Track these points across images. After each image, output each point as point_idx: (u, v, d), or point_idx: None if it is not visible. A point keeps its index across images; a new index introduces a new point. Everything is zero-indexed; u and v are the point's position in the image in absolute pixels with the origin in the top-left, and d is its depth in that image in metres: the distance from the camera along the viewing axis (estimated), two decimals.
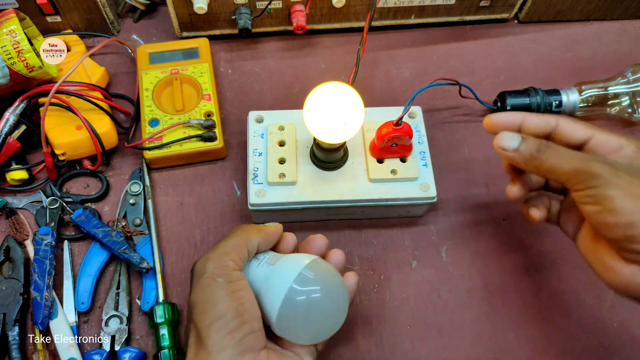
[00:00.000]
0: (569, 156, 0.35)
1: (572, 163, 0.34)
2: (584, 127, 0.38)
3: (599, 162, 0.34)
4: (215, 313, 0.33)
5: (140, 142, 0.51)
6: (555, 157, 0.35)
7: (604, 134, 0.37)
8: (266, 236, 0.39)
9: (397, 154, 0.47)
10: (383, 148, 0.46)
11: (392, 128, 0.44)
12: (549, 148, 0.36)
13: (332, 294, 0.36)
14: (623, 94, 0.54)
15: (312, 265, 0.36)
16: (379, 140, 0.45)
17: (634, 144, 0.36)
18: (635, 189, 0.33)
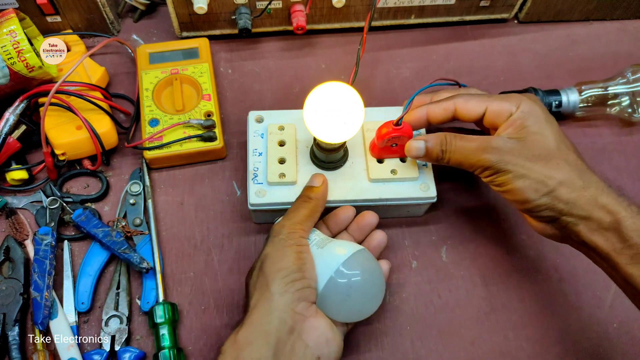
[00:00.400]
0: (465, 151, 0.41)
1: (468, 159, 0.41)
2: (477, 102, 0.42)
3: (488, 153, 0.39)
4: (282, 264, 0.38)
5: (140, 142, 0.51)
6: (456, 153, 0.41)
7: (496, 103, 0.41)
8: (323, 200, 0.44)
9: (396, 154, 0.47)
10: (383, 148, 0.46)
11: (392, 128, 0.44)
12: (450, 145, 0.41)
13: (372, 281, 0.41)
14: (623, 94, 0.54)
15: (357, 255, 0.40)
16: (379, 140, 0.45)
17: (523, 106, 0.40)
18: (519, 169, 0.39)
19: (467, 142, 0.41)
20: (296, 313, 0.36)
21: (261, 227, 0.51)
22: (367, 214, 0.46)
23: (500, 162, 0.39)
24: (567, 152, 0.40)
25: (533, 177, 0.39)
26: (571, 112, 0.56)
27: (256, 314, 0.36)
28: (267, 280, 0.37)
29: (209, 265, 0.49)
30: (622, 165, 0.56)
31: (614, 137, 0.58)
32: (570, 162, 0.39)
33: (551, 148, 0.39)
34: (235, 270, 0.48)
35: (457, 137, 0.41)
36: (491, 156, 0.39)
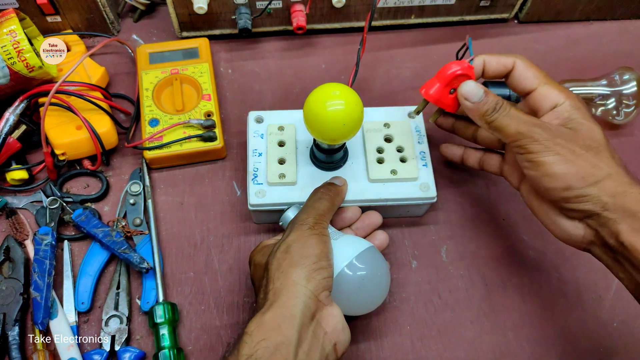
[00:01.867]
0: (517, 119, 0.38)
1: (518, 126, 0.38)
2: (533, 76, 0.40)
3: (540, 128, 0.37)
4: (310, 251, 0.38)
5: (140, 142, 0.51)
6: (506, 117, 0.38)
7: (547, 88, 0.40)
8: (343, 196, 0.45)
9: (448, 104, 0.42)
10: (439, 91, 0.41)
11: (467, 64, 0.41)
12: (503, 108, 0.39)
13: (379, 277, 0.42)
14: (609, 96, 0.54)
15: (370, 250, 0.42)
16: (442, 80, 0.41)
17: (569, 102, 0.39)
18: (569, 154, 0.37)
19: (521, 113, 0.39)
20: (319, 300, 0.37)
21: (261, 227, 0.51)
22: (373, 214, 0.47)
23: (550, 140, 0.37)
24: (613, 150, 0.38)
25: (581, 164, 0.36)
26: None
27: (283, 297, 0.36)
28: (294, 265, 0.37)
29: (209, 265, 0.49)
30: None
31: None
32: (616, 158, 0.38)
33: (600, 141, 0.38)
34: (235, 270, 0.48)
35: (513, 106, 0.39)
36: (543, 132, 0.37)
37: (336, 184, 0.45)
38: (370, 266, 0.41)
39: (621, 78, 0.54)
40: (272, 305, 0.36)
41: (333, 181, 0.45)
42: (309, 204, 0.43)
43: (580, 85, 0.55)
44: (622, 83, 0.54)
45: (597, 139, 0.38)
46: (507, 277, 0.49)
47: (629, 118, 0.54)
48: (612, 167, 0.37)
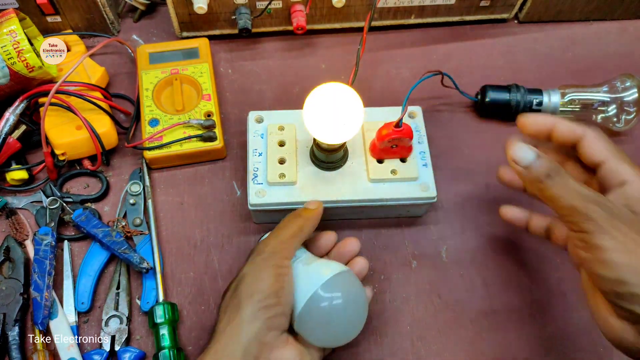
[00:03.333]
0: (572, 190, 0.33)
1: (572, 199, 0.33)
2: (604, 148, 0.36)
3: (597, 206, 0.32)
4: (259, 287, 0.36)
5: (140, 142, 0.51)
6: (560, 187, 0.34)
7: (616, 162, 0.36)
8: (314, 222, 0.42)
9: (397, 154, 0.47)
10: (383, 149, 0.46)
11: (393, 129, 0.44)
12: (558, 176, 0.34)
13: (353, 307, 0.39)
14: (610, 103, 0.54)
15: (341, 276, 0.39)
16: (379, 141, 0.45)
17: (637, 180, 0.34)
18: (630, 242, 0.31)
19: (579, 184, 0.34)
20: (263, 343, 0.34)
21: (261, 227, 0.51)
22: (349, 241, 0.44)
23: (608, 222, 0.32)
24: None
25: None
26: (552, 113, 0.56)
27: (221, 342, 0.34)
28: (240, 304, 0.35)
29: (209, 265, 0.49)
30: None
31: None
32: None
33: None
34: (235, 270, 0.48)
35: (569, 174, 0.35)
36: (601, 210, 0.32)
37: (309, 207, 0.42)
38: (343, 293, 0.38)
39: (622, 85, 0.54)
40: (210, 351, 0.34)
41: (307, 205, 0.43)
42: (273, 231, 0.41)
43: (580, 91, 0.55)
44: (623, 90, 0.54)
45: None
46: (507, 277, 0.49)
47: (630, 125, 0.54)
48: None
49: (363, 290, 0.41)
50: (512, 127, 0.57)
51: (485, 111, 0.57)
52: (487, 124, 0.58)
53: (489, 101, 0.56)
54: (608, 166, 0.36)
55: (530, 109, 0.55)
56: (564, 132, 0.38)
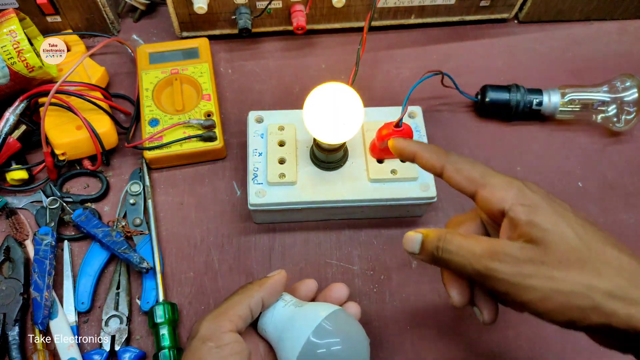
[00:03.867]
0: (470, 253, 0.31)
1: (475, 264, 0.31)
2: (466, 179, 0.34)
3: (498, 261, 0.30)
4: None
5: (140, 142, 0.51)
6: (458, 254, 0.32)
7: (487, 190, 0.32)
8: (269, 287, 0.37)
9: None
10: (383, 149, 0.46)
11: (393, 129, 0.44)
12: (448, 244, 0.32)
13: (352, 348, 0.36)
14: (610, 103, 0.54)
15: (332, 317, 0.36)
16: (379, 141, 0.45)
17: (516, 197, 0.31)
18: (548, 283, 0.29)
19: (472, 243, 0.32)
20: None
21: (261, 227, 0.51)
22: (336, 287, 0.41)
23: (518, 275, 0.29)
24: (604, 249, 0.30)
25: (569, 291, 0.29)
26: (551, 113, 0.56)
27: None
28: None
29: (209, 265, 0.49)
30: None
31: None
32: (612, 263, 0.29)
33: (579, 248, 0.29)
34: (235, 270, 0.48)
35: (461, 235, 0.33)
36: (504, 267, 0.30)
37: (268, 275, 0.38)
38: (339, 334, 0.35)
39: (622, 85, 0.54)
40: None
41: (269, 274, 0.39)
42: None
43: (580, 91, 0.55)
44: (623, 90, 0.54)
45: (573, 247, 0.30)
46: None
47: (629, 125, 0.54)
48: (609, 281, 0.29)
49: (361, 329, 0.38)
50: (512, 127, 0.58)
51: (485, 111, 0.57)
52: (487, 124, 0.58)
53: (489, 101, 0.56)
54: (482, 195, 0.33)
55: (530, 108, 0.55)
56: (426, 164, 0.36)
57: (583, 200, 0.53)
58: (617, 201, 0.53)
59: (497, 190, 0.32)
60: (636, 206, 0.53)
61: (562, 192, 0.54)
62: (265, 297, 0.37)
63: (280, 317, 0.37)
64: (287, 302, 0.38)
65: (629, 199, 0.54)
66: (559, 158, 0.56)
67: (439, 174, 0.35)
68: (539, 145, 0.56)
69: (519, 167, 0.55)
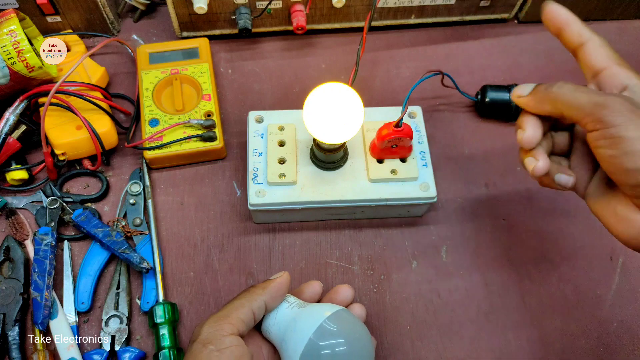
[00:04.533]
0: (586, 90, 0.33)
1: (590, 97, 0.32)
2: (606, 55, 0.35)
3: (618, 98, 0.31)
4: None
5: (140, 142, 0.51)
6: (571, 90, 0.33)
7: (617, 68, 0.35)
8: (273, 290, 0.38)
9: (397, 154, 0.47)
10: (383, 149, 0.46)
11: (393, 129, 0.44)
12: (565, 84, 0.34)
13: (356, 349, 0.35)
14: None
15: (334, 317, 0.35)
16: (379, 141, 0.45)
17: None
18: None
19: (586, 88, 0.34)
20: None
21: (261, 227, 0.51)
22: (342, 289, 0.41)
23: (630, 112, 0.31)
24: None
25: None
26: None
27: None
28: None
29: (209, 265, 0.49)
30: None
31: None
32: None
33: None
34: (235, 270, 0.49)
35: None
36: (620, 101, 0.31)
37: (271, 278, 0.39)
38: (341, 335, 0.35)
39: None
40: None
41: (272, 276, 0.39)
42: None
43: None
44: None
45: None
46: (507, 277, 0.49)
47: None
48: None
49: (364, 328, 0.37)
50: (512, 127, 0.58)
51: (485, 111, 0.57)
52: (487, 123, 0.58)
53: (489, 101, 0.56)
54: (609, 72, 0.35)
55: None
56: (573, 34, 0.36)
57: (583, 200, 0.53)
58: None
59: (625, 70, 0.35)
60: None
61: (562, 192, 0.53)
62: (269, 300, 0.37)
63: (283, 318, 0.37)
64: (290, 303, 0.38)
65: None
66: None
67: (583, 42, 0.36)
68: None
69: (519, 167, 0.55)
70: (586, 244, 0.51)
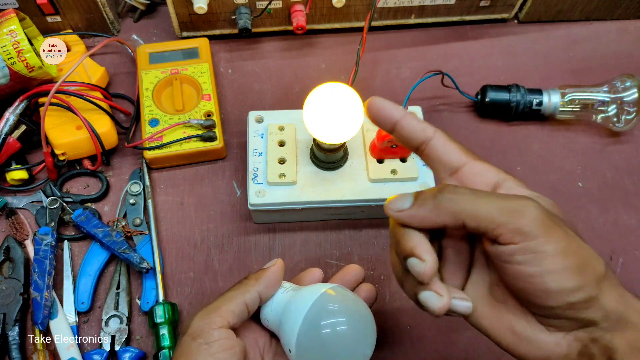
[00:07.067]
0: (486, 195, 0.28)
1: (498, 202, 0.27)
2: (459, 151, 0.31)
3: (530, 202, 0.27)
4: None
5: (140, 142, 0.51)
6: (472, 197, 0.28)
7: (478, 164, 0.31)
8: (266, 280, 0.36)
9: (397, 154, 0.47)
10: (383, 149, 0.46)
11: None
12: (455, 187, 0.29)
13: (353, 323, 0.34)
14: (610, 103, 0.54)
15: (329, 294, 0.34)
16: (379, 141, 0.45)
17: (510, 176, 0.31)
18: (566, 239, 0.27)
19: (486, 193, 0.29)
20: None
21: (261, 227, 0.51)
22: (352, 268, 0.40)
23: (539, 221, 0.26)
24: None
25: (582, 254, 0.27)
26: (551, 113, 0.56)
27: None
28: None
29: (209, 265, 0.49)
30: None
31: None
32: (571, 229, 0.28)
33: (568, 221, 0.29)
34: (235, 270, 0.48)
35: (459, 186, 0.29)
36: (536, 207, 0.27)
37: (264, 267, 0.37)
38: (338, 312, 0.34)
39: (622, 85, 0.54)
40: None
41: (265, 265, 0.38)
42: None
43: (580, 91, 0.55)
44: (623, 90, 0.54)
45: (566, 219, 0.29)
46: None
47: (630, 125, 0.54)
48: (603, 266, 0.27)
49: (361, 303, 0.36)
50: (512, 127, 0.58)
51: (485, 111, 0.57)
52: (487, 124, 0.58)
53: (489, 101, 0.56)
54: (469, 168, 0.31)
55: (530, 108, 0.55)
56: (414, 127, 0.32)
57: (583, 200, 0.53)
58: (617, 201, 0.53)
59: (487, 165, 0.31)
60: (636, 206, 0.53)
61: (562, 192, 0.54)
62: (263, 290, 0.36)
63: (279, 304, 0.37)
64: (286, 288, 0.38)
65: (629, 199, 0.54)
66: (559, 158, 0.56)
67: (424, 140, 0.32)
68: (539, 145, 0.56)
69: (519, 167, 0.55)
70: None
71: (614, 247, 0.51)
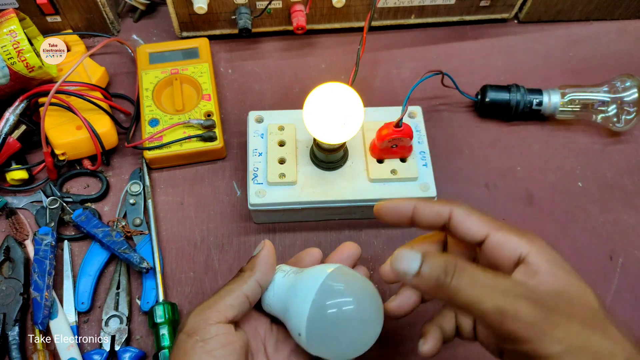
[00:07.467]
0: (487, 287, 0.27)
1: (494, 299, 0.26)
2: (479, 222, 0.31)
3: (526, 301, 0.26)
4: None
5: (140, 142, 0.51)
6: (470, 286, 0.27)
7: (501, 235, 0.31)
8: (260, 266, 0.36)
9: (397, 154, 0.47)
10: (383, 149, 0.46)
11: (393, 129, 0.44)
12: (461, 271, 0.27)
13: (362, 302, 0.34)
14: (610, 103, 0.54)
15: (335, 274, 0.34)
16: (380, 141, 0.45)
17: (536, 247, 0.30)
18: (575, 339, 0.26)
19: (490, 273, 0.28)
20: None
21: (261, 227, 0.51)
22: (348, 245, 0.40)
23: (547, 321, 0.26)
24: (606, 311, 0.28)
25: (594, 352, 0.25)
26: (552, 113, 0.56)
27: None
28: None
29: (209, 265, 0.49)
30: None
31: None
32: (617, 325, 0.27)
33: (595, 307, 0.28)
34: (235, 270, 0.48)
35: (473, 264, 0.28)
36: (530, 309, 0.26)
37: (254, 254, 0.37)
38: (346, 291, 0.33)
39: (622, 85, 0.54)
40: None
41: (254, 252, 0.37)
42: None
43: (580, 91, 0.55)
44: (623, 90, 0.54)
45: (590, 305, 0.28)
46: None
47: (630, 125, 0.54)
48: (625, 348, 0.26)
49: (367, 282, 0.36)
50: (512, 127, 0.58)
51: (485, 111, 0.57)
52: (487, 123, 0.58)
53: (489, 101, 0.56)
54: (492, 240, 0.31)
55: (530, 108, 0.55)
56: (428, 215, 0.33)
57: (583, 200, 0.53)
58: (617, 201, 0.53)
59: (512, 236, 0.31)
60: (636, 206, 0.53)
61: (562, 192, 0.54)
62: (261, 277, 0.35)
63: (281, 288, 0.36)
64: (286, 272, 0.37)
65: (629, 199, 0.54)
66: (559, 158, 0.56)
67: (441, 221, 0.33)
68: (539, 145, 0.56)
69: (519, 167, 0.55)
70: (586, 244, 0.51)
71: (614, 247, 0.51)
